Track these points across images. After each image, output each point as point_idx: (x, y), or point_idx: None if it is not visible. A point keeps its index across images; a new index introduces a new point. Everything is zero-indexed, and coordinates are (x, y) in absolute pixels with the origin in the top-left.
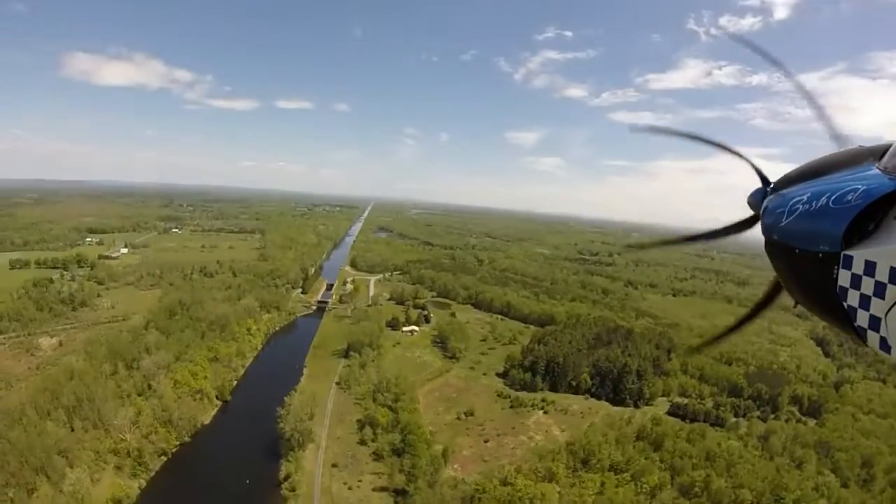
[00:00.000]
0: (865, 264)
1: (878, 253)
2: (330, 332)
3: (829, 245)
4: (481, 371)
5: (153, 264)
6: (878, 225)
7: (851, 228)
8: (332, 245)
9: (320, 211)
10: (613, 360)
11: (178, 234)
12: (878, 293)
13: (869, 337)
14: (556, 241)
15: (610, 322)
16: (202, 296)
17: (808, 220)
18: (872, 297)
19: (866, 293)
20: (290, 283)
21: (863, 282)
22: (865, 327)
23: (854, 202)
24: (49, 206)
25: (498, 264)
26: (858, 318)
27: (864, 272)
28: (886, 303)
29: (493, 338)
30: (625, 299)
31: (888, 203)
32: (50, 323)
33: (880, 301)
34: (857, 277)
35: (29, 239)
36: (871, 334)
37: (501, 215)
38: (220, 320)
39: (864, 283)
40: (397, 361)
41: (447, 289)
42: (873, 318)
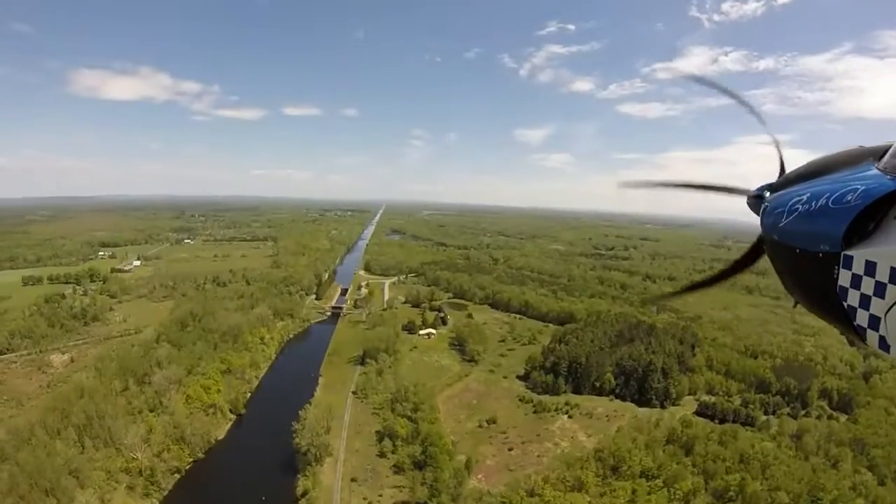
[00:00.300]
0: (866, 264)
1: (879, 253)
2: (345, 338)
3: (829, 245)
4: (501, 374)
5: (166, 276)
6: (878, 225)
7: (851, 228)
8: (346, 249)
9: (332, 216)
10: (637, 359)
11: (190, 244)
12: (878, 293)
13: (868, 336)
14: (570, 236)
15: (631, 318)
16: (214, 306)
17: (807, 221)
18: (872, 296)
19: (866, 293)
20: (304, 289)
21: (863, 282)
22: (865, 326)
23: (854, 202)
24: (61, 222)
25: (513, 262)
26: (858, 317)
27: (864, 272)
28: (886, 302)
29: (512, 338)
30: (644, 293)
31: (888, 203)
32: (61, 339)
33: (880, 301)
34: (857, 277)
35: (42, 255)
36: (871, 333)
37: (513, 213)
38: (233, 330)
39: (864, 283)
40: (415, 367)
41: (463, 289)
42: (873, 318)
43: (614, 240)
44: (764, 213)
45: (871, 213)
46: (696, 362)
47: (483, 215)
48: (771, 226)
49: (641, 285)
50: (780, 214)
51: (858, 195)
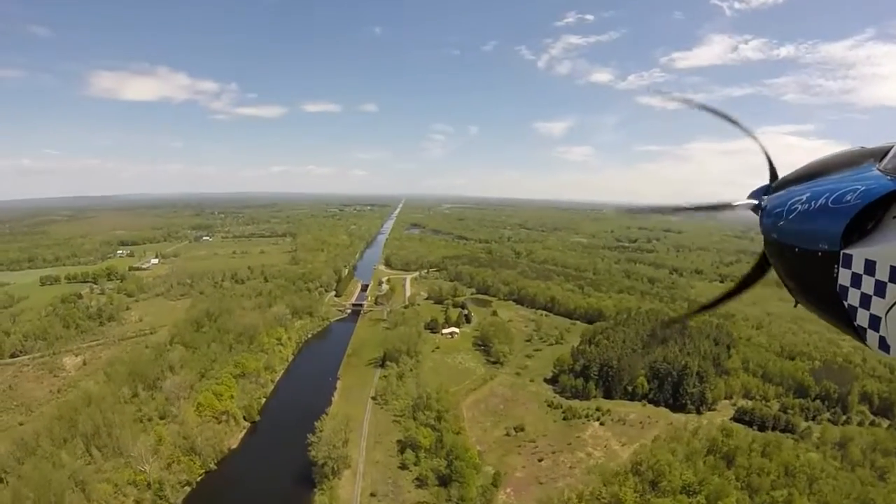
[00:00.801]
0: (865, 263)
1: (878, 252)
2: (365, 338)
3: (828, 244)
4: (528, 377)
5: (183, 273)
6: (878, 224)
7: (851, 227)
8: (365, 244)
9: (351, 211)
10: (672, 362)
11: (209, 241)
12: (878, 292)
13: (868, 336)
14: (592, 228)
15: (662, 316)
16: (231, 305)
17: (807, 220)
18: (873, 296)
19: (867, 292)
20: (323, 286)
21: (863, 281)
22: (865, 326)
23: (853, 201)
24: (81, 221)
25: (536, 256)
26: (858, 317)
27: (864, 271)
28: (887, 302)
29: (539, 337)
30: (672, 288)
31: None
32: (76, 340)
33: (881, 300)
34: (857, 276)
35: (60, 255)
36: (871, 333)
37: (533, 205)
38: (249, 331)
39: (864, 282)
40: (437, 369)
41: (487, 285)
42: (873, 318)
43: (637, 232)
44: (763, 213)
45: (870, 212)
46: (731, 364)
47: (503, 208)
48: (770, 225)
49: (669, 279)
50: (780, 214)
51: (858, 195)
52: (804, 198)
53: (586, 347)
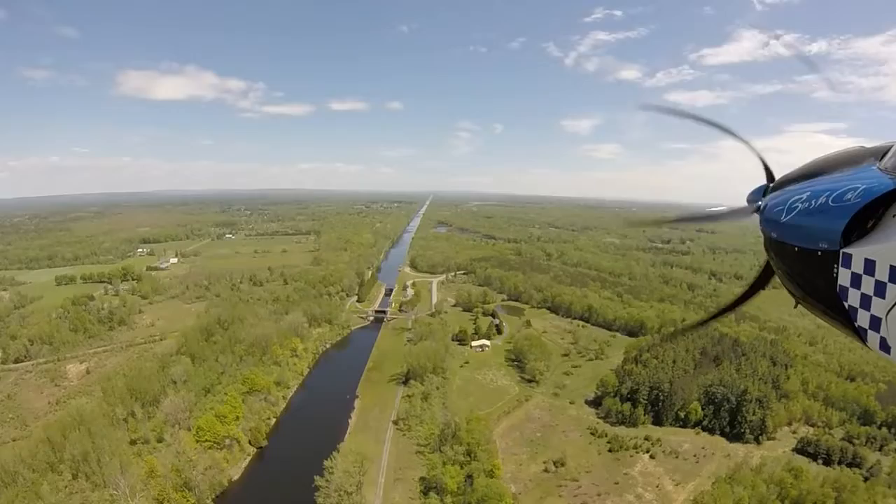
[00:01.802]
0: (865, 262)
1: (878, 251)
2: (387, 350)
3: (828, 243)
4: (567, 398)
5: (201, 274)
6: (878, 223)
7: (851, 226)
8: (390, 244)
9: (378, 208)
10: (730, 386)
11: (231, 239)
12: (878, 292)
13: (869, 337)
14: (624, 228)
15: (711, 329)
16: (244, 312)
17: (807, 218)
18: (873, 296)
19: (867, 292)
20: (345, 290)
21: (863, 280)
22: (866, 328)
23: (853, 201)
24: (108, 218)
25: (568, 258)
26: (859, 318)
27: (863, 270)
28: (887, 302)
29: (577, 351)
30: (715, 296)
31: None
32: (83, 345)
33: (881, 301)
34: (856, 276)
35: (80, 253)
36: (872, 334)
37: (561, 203)
38: (262, 341)
39: (864, 282)
40: (467, 388)
41: (518, 290)
42: (874, 319)
43: (669, 232)
44: (763, 212)
45: (870, 211)
46: (789, 386)
47: (531, 206)
48: (770, 224)
49: (709, 285)
50: (780, 213)
51: (858, 194)
52: (804, 197)
53: (633, 367)
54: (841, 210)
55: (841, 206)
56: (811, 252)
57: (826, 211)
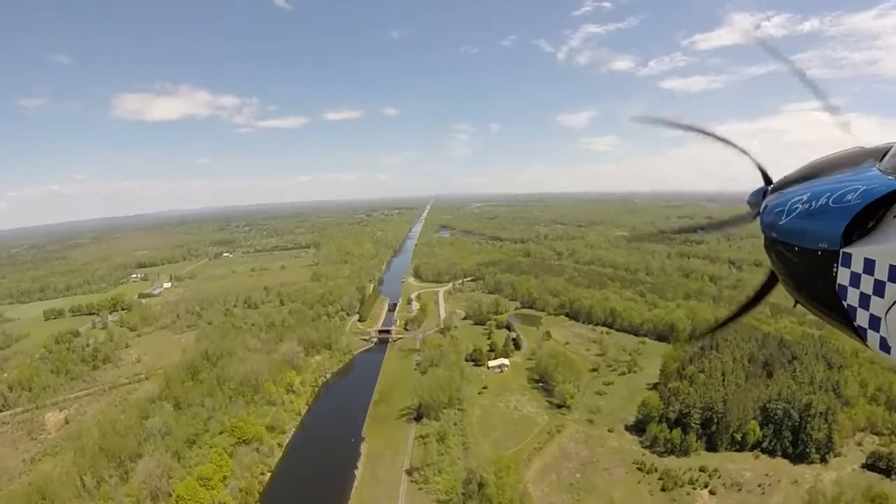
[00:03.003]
0: (864, 262)
1: (878, 251)
2: (395, 377)
3: (828, 243)
4: (604, 424)
5: (194, 299)
6: (878, 223)
7: (851, 227)
8: (392, 252)
9: (378, 216)
10: (790, 399)
11: (229, 258)
12: (877, 292)
13: (869, 337)
14: (631, 220)
15: (754, 330)
16: (234, 344)
17: (807, 219)
18: (872, 295)
19: (866, 292)
20: (345, 308)
21: (862, 280)
22: (865, 327)
23: (854, 201)
24: (105, 243)
25: (580, 256)
26: (858, 317)
27: (863, 270)
28: (886, 302)
29: (606, 364)
30: (738, 286)
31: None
32: (64, 389)
33: (880, 300)
34: (856, 276)
35: (72, 283)
36: (871, 334)
37: (563, 199)
38: (253, 378)
39: (863, 282)
40: (488, 419)
41: (532, 296)
42: (873, 318)
43: (678, 221)
44: (764, 212)
45: (871, 212)
46: (849, 391)
47: (533, 204)
48: (771, 224)
49: (731, 275)
50: (780, 213)
51: (858, 194)
52: (805, 197)
53: (678, 384)
54: (841, 211)
55: (841, 206)
56: (811, 252)
57: (826, 212)
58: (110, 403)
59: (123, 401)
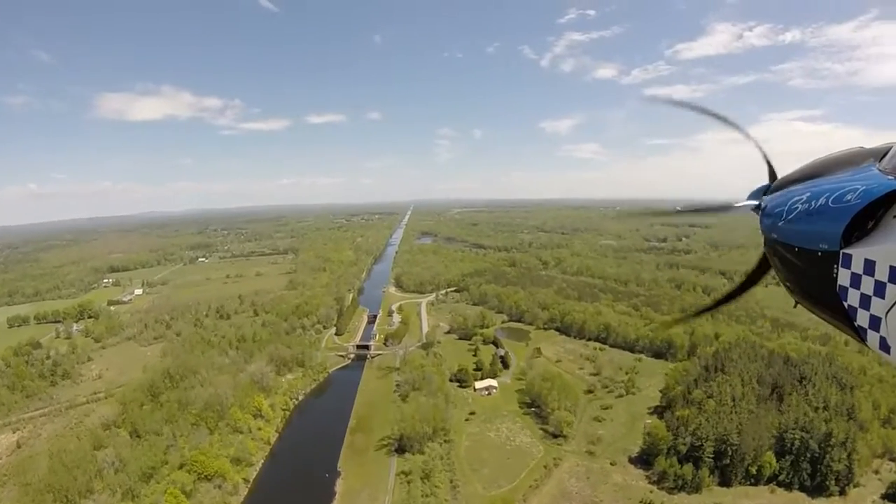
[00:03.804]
0: (865, 263)
1: (878, 251)
2: (374, 399)
3: (828, 244)
4: (606, 457)
5: (164, 307)
6: (878, 224)
7: (851, 227)
8: (373, 259)
9: (359, 221)
10: (808, 428)
11: (204, 263)
12: (877, 292)
13: (869, 337)
14: (616, 228)
15: (758, 347)
16: (201, 361)
17: (807, 219)
18: (872, 296)
19: (866, 292)
20: (322, 321)
21: (862, 281)
22: (866, 327)
23: (853, 202)
24: (82, 245)
25: (568, 265)
26: (859, 317)
27: (863, 271)
28: (886, 302)
29: (602, 385)
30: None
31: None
32: (19, 408)
33: (880, 300)
34: (856, 276)
35: (41, 288)
36: (871, 334)
37: (545, 205)
38: (218, 403)
39: (863, 282)
40: (478, 451)
41: (521, 309)
42: (873, 318)
43: (662, 229)
44: (763, 213)
45: (870, 212)
46: (862, 414)
47: (515, 210)
48: (770, 225)
49: (724, 287)
50: (780, 214)
51: (858, 195)
52: (804, 197)
53: (687, 412)
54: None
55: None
56: (811, 252)
57: (826, 212)
58: (66, 426)
59: (80, 423)
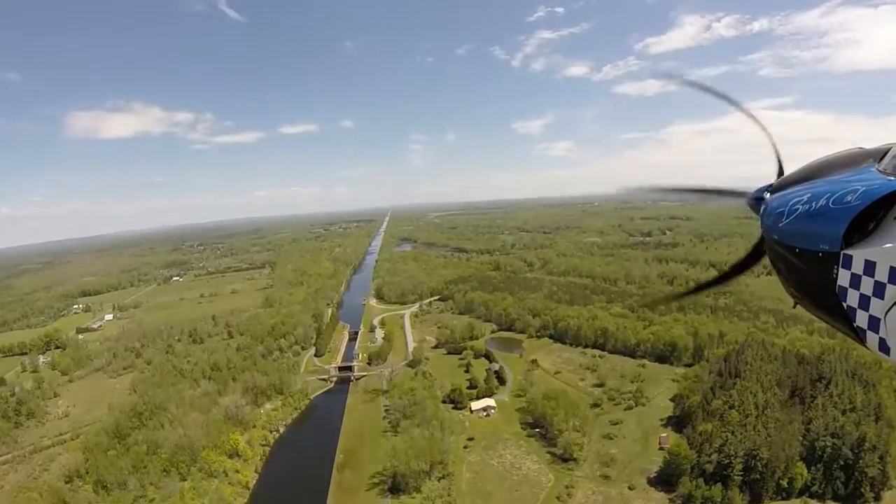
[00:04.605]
0: (865, 264)
1: (878, 253)
2: (361, 428)
3: (828, 245)
4: (623, 480)
5: (135, 333)
6: (878, 225)
7: (851, 228)
8: (352, 270)
9: (336, 230)
10: (840, 434)
11: (179, 282)
12: (877, 293)
13: (868, 338)
14: (597, 224)
15: (769, 346)
16: (170, 396)
17: (807, 220)
18: (872, 297)
19: (866, 293)
20: (300, 341)
21: (862, 281)
22: (865, 328)
23: (854, 202)
24: (55, 268)
25: (554, 266)
26: (858, 318)
27: (863, 272)
28: (886, 303)
29: (608, 397)
30: (729, 291)
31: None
32: None
33: (879, 301)
34: (856, 277)
35: (8, 318)
36: (871, 335)
37: (523, 205)
38: (190, 442)
39: (863, 283)
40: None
41: (510, 317)
42: (872, 319)
43: (643, 223)
44: (764, 214)
45: (871, 213)
46: (889, 411)
47: (493, 211)
48: (771, 226)
49: None
50: (781, 215)
51: (858, 195)
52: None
53: (710, 426)
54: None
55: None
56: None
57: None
58: (29, 474)
59: (44, 470)
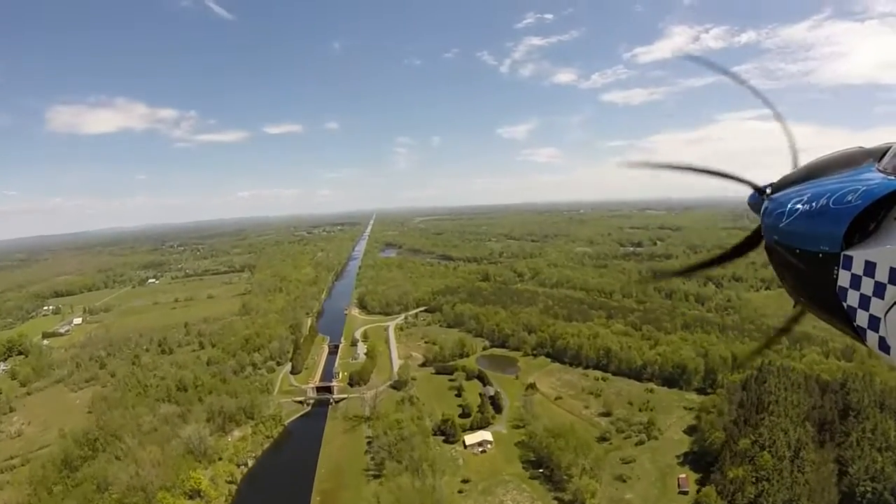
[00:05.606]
0: (865, 264)
1: (878, 253)
2: (341, 463)
3: (829, 245)
4: None
5: (102, 340)
6: (879, 225)
7: (851, 229)
8: (334, 276)
9: (319, 233)
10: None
11: (154, 284)
12: (877, 293)
13: (868, 337)
14: (586, 233)
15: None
16: (128, 422)
17: (808, 221)
18: (872, 297)
19: (866, 293)
20: (275, 356)
21: (862, 282)
22: (865, 327)
23: (854, 202)
24: (32, 265)
25: (546, 277)
26: (858, 318)
27: (863, 272)
28: (886, 303)
29: (617, 430)
30: (731, 307)
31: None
32: None
33: (880, 301)
34: (856, 278)
35: None
36: (871, 334)
37: (508, 211)
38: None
39: (863, 284)
40: None
41: (503, 332)
42: (873, 318)
43: (632, 232)
44: (764, 214)
45: (871, 213)
46: None
47: (479, 217)
48: (771, 226)
49: (717, 295)
50: (781, 215)
51: (859, 195)
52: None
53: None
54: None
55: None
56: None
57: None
58: None
59: None
